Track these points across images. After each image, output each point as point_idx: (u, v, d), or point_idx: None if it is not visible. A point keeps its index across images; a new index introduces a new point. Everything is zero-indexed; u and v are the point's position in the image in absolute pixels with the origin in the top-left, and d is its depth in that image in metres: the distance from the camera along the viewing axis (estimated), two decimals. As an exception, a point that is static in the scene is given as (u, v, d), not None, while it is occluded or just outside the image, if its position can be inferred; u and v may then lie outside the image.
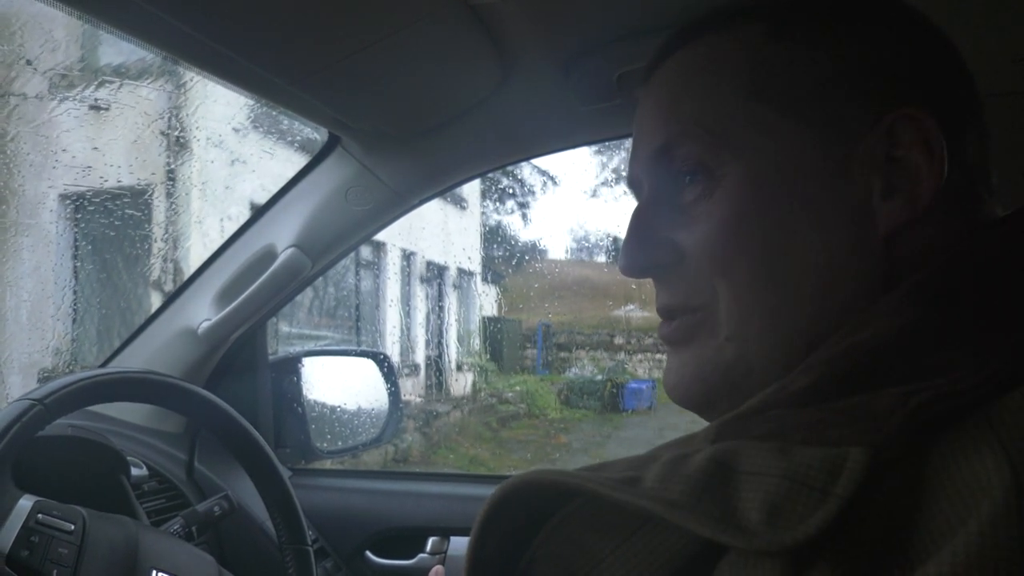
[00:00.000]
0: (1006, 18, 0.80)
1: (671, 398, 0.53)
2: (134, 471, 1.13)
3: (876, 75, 0.47)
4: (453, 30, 0.82)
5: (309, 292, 7.39)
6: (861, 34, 0.48)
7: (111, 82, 5.63)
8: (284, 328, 7.04)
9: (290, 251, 1.21)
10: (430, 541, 1.33)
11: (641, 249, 0.52)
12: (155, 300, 5.85)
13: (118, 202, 5.85)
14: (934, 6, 0.50)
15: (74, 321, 5.77)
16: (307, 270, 1.24)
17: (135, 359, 1.32)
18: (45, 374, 5.20)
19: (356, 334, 8.24)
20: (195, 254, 5.88)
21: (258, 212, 1.27)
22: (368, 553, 1.38)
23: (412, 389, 8.60)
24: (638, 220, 0.53)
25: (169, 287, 5.76)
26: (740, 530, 0.36)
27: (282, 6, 0.74)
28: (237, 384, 1.39)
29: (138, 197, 5.87)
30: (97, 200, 5.78)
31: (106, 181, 5.70)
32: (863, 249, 0.46)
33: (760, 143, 0.48)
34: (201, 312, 1.29)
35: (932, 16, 0.50)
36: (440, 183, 1.22)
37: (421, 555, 1.33)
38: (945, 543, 0.32)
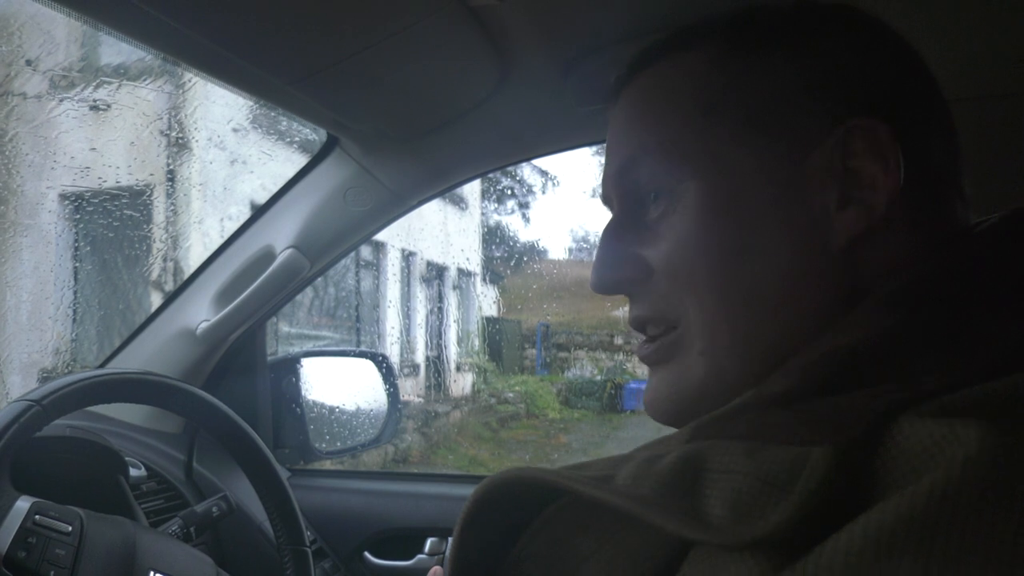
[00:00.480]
0: (1008, 20, 0.80)
1: (649, 414, 0.54)
2: (133, 472, 1.13)
3: (828, 87, 0.48)
4: (452, 31, 0.82)
5: (309, 292, 7.39)
6: (813, 48, 0.49)
7: (110, 82, 5.63)
8: (284, 328, 7.04)
9: (289, 252, 1.21)
10: (429, 542, 1.33)
11: (610, 267, 0.54)
12: (155, 300, 5.86)
13: (117, 202, 5.85)
14: (935, 10, 0.50)
15: (74, 321, 5.77)
16: (306, 271, 1.24)
17: (134, 360, 1.32)
18: (45, 374, 5.20)
19: (356, 334, 8.25)
20: (195, 254, 5.88)
21: (257, 213, 1.26)
22: (367, 554, 1.38)
23: (412, 389, 8.60)
24: (607, 238, 0.55)
25: (169, 287, 5.76)
26: (704, 525, 0.37)
27: (281, 7, 0.74)
28: (236, 385, 1.39)
29: (138, 197, 5.87)
30: (97, 200, 5.78)
31: (105, 181, 5.70)
32: (821, 260, 0.47)
33: (716, 160, 0.49)
34: (200, 313, 1.29)
35: (932, 20, 0.51)
36: (439, 184, 1.22)
37: (420, 556, 1.33)
38: (905, 489, 0.32)
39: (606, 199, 0.58)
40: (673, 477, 0.40)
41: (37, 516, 0.80)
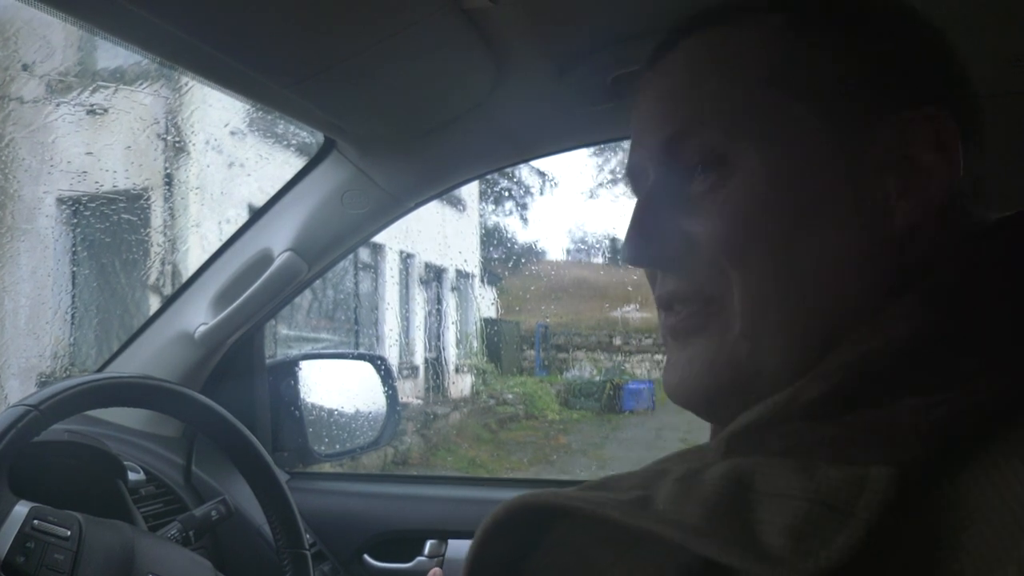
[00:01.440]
0: (1006, 19, 0.80)
1: (671, 397, 0.51)
2: (131, 476, 1.13)
3: (894, 74, 0.47)
4: (447, 34, 0.82)
5: (308, 294, 7.39)
6: (880, 33, 0.48)
7: (107, 87, 5.63)
8: (283, 331, 7.03)
9: (286, 255, 1.21)
10: (428, 544, 1.33)
11: (648, 240, 0.50)
12: (153, 303, 5.85)
13: (115, 206, 5.85)
14: (934, 5, 0.50)
15: (72, 325, 5.76)
16: (303, 274, 1.24)
17: (132, 364, 1.32)
18: (44, 379, 5.19)
19: (355, 336, 8.24)
20: (193, 257, 5.88)
21: (254, 216, 1.27)
22: (366, 556, 1.38)
23: (411, 391, 8.60)
24: (643, 210, 0.51)
25: (167, 290, 5.76)
26: (764, 556, 0.35)
27: (276, 11, 0.75)
28: (234, 388, 1.39)
29: (135, 201, 5.87)
30: (94, 204, 5.78)
31: (102, 185, 5.70)
32: (876, 248, 0.45)
33: (779, 133, 0.47)
34: (198, 316, 1.29)
35: (932, 16, 0.51)
36: (436, 186, 1.22)
37: (419, 558, 1.33)
38: (999, 566, 0.31)
39: (635, 172, 0.55)
40: (719, 500, 0.38)
41: (35, 521, 0.80)
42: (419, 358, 8.99)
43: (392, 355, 8.46)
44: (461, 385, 9.57)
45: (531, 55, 0.91)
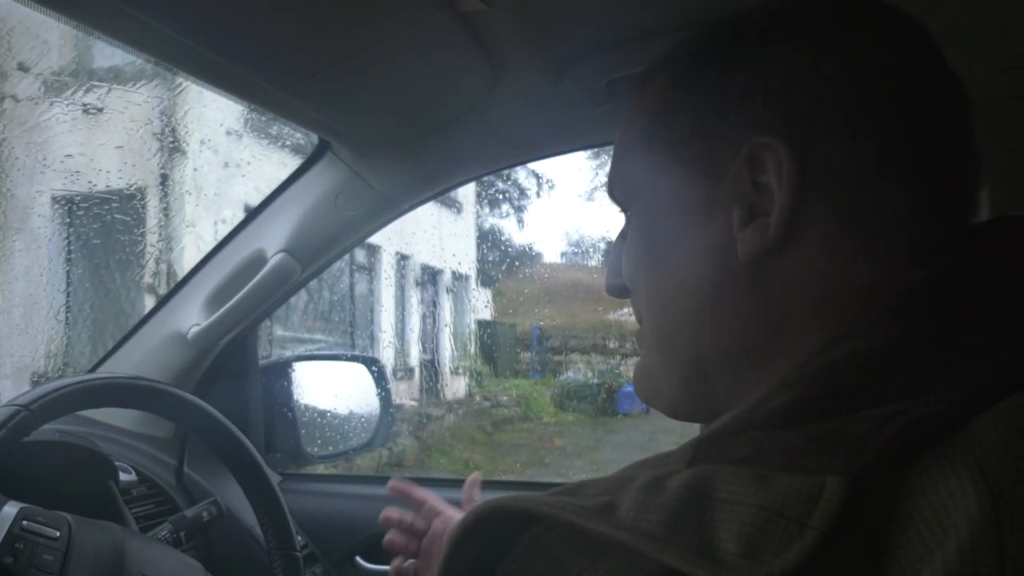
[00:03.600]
0: (993, 29, 0.81)
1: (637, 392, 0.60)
2: (123, 476, 1.12)
3: (738, 109, 0.47)
4: (442, 36, 0.83)
5: (304, 295, 7.38)
6: (741, 62, 0.48)
7: (103, 86, 5.62)
8: (279, 332, 7.02)
9: (280, 256, 1.21)
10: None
11: (611, 274, 0.60)
12: (148, 303, 5.83)
13: (109, 205, 5.83)
14: (921, 14, 0.50)
15: (67, 324, 5.75)
16: (297, 275, 1.24)
17: (124, 364, 1.32)
18: (37, 378, 5.17)
19: (351, 338, 8.23)
20: (188, 257, 5.86)
21: (248, 217, 1.26)
22: (358, 558, 1.38)
23: (406, 393, 8.59)
24: (615, 245, 0.60)
25: (162, 290, 5.74)
26: (716, 563, 0.36)
27: (271, 12, 0.74)
28: (227, 389, 1.39)
29: (130, 200, 5.85)
30: (89, 203, 5.76)
31: (96, 185, 5.69)
32: (726, 278, 0.48)
33: (651, 187, 0.53)
34: (191, 317, 1.29)
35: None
36: (430, 188, 1.22)
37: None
38: (922, 566, 0.32)
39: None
40: (678, 507, 0.39)
41: (24, 522, 0.79)
42: (414, 360, 8.98)
43: (387, 357, 8.46)
44: (456, 387, 9.57)
45: (526, 58, 0.91)
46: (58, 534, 0.80)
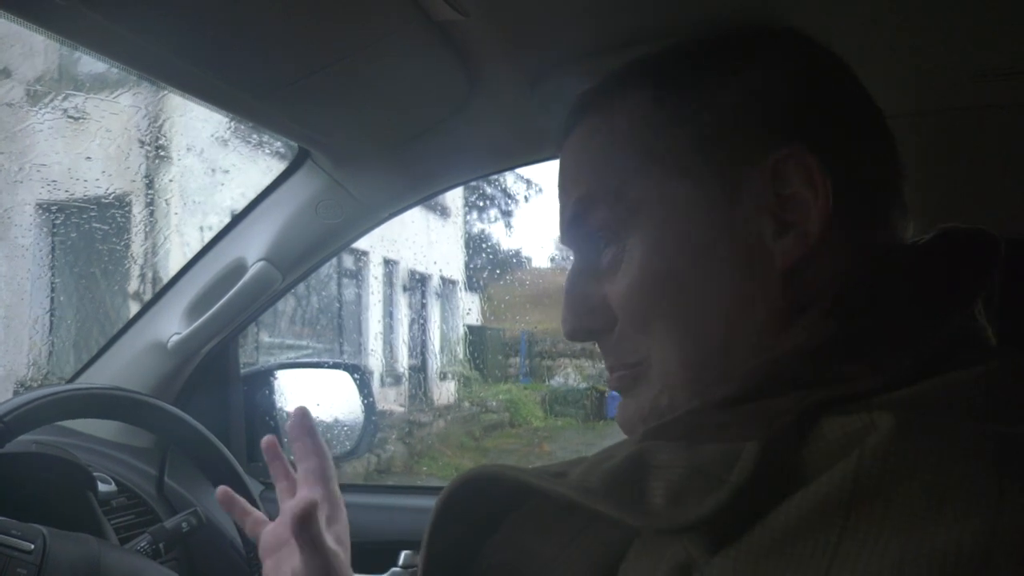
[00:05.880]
0: (965, 35, 0.81)
1: (624, 433, 0.55)
2: (102, 487, 1.12)
3: (754, 122, 0.49)
4: (419, 46, 0.83)
5: (291, 302, 7.35)
6: (736, 85, 0.50)
7: (87, 92, 5.58)
8: (266, 338, 6.99)
9: (260, 264, 1.20)
10: (403, 555, 1.32)
11: (577, 316, 0.54)
12: (134, 310, 5.78)
13: (95, 212, 5.79)
14: (895, 25, 0.51)
15: (51, 331, 5.70)
16: (277, 283, 1.24)
17: (104, 374, 1.31)
18: (18, 388, 5.12)
19: (338, 343, 8.20)
20: (175, 264, 5.83)
21: (228, 225, 1.26)
22: (341, 567, 1.37)
23: (395, 399, 8.56)
24: (571, 286, 0.55)
25: (148, 297, 5.69)
26: (645, 512, 0.40)
27: (247, 23, 0.74)
28: (209, 398, 1.38)
29: (115, 207, 5.81)
30: (75, 210, 5.72)
31: (76, 193, 5.64)
32: (763, 289, 0.48)
33: (655, 202, 0.50)
34: (171, 326, 1.28)
35: (893, 35, 0.52)
36: (411, 196, 1.22)
37: (393, 569, 1.32)
38: (813, 511, 0.36)
39: (566, 241, 0.58)
40: (619, 471, 0.43)
41: (-2, 535, 0.79)
42: (402, 365, 8.96)
43: (375, 362, 8.43)
44: (445, 392, 9.54)
45: (504, 67, 0.91)
46: (32, 547, 0.79)
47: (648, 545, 0.44)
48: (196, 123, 6.03)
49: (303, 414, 0.79)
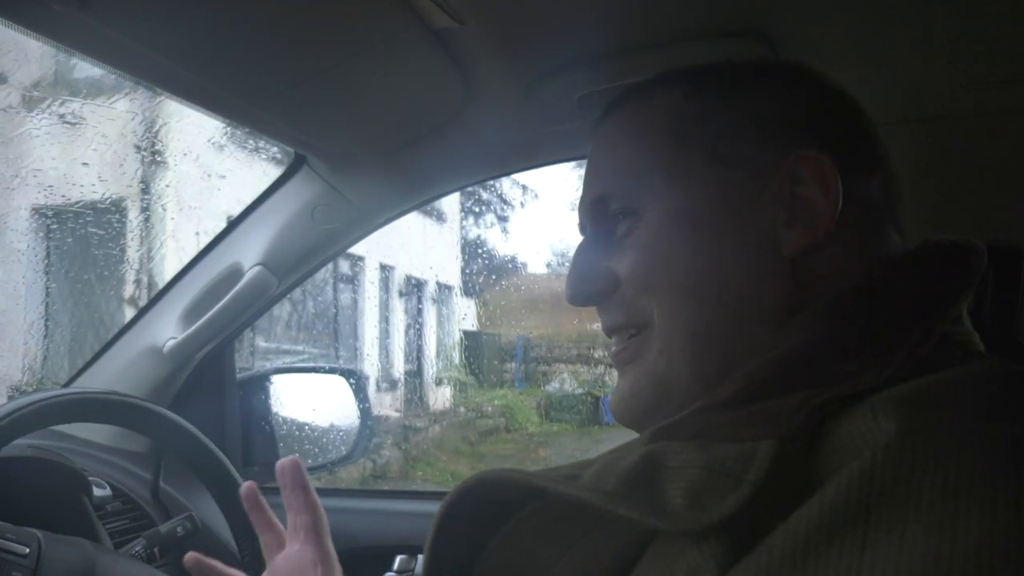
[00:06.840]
0: (953, 46, 0.82)
1: (615, 417, 0.58)
2: (97, 491, 1.11)
3: (780, 125, 0.54)
4: (416, 52, 0.83)
5: (288, 307, 7.34)
6: (765, 93, 0.56)
7: (84, 96, 5.57)
8: (262, 343, 6.97)
9: (256, 269, 1.21)
10: (397, 559, 1.32)
11: (582, 280, 0.59)
12: (129, 315, 5.77)
13: (90, 217, 5.78)
14: (884, 34, 0.53)
15: (46, 336, 5.68)
16: (273, 288, 1.24)
17: (99, 378, 1.31)
18: (12, 392, 5.10)
19: (335, 348, 8.19)
20: (171, 269, 5.82)
21: (225, 230, 1.26)
22: (337, 572, 1.37)
23: (390, 404, 8.55)
24: (579, 255, 0.60)
25: (143, 302, 5.68)
26: (665, 514, 0.41)
27: (244, 28, 0.75)
28: (204, 403, 1.38)
29: (111, 212, 5.80)
30: (70, 214, 5.71)
31: (72, 198, 5.63)
32: (769, 271, 0.52)
33: (678, 182, 0.55)
34: (167, 330, 1.28)
35: (881, 43, 0.55)
36: (407, 202, 1.23)
37: (388, 573, 1.32)
38: (828, 485, 0.38)
39: (581, 227, 0.62)
40: (634, 473, 0.44)
41: (-7, 539, 0.79)
42: (399, 371, 8.95)
43: (371, 367, 8.41)
44: (441, 398, 9.53)
45: (499, 74, 0.92)
46: (28, 551, 0.79)
47: (663, 549, 0.44)
48: (192, 128, 6.02)
49: (295, 465, 0.75)
